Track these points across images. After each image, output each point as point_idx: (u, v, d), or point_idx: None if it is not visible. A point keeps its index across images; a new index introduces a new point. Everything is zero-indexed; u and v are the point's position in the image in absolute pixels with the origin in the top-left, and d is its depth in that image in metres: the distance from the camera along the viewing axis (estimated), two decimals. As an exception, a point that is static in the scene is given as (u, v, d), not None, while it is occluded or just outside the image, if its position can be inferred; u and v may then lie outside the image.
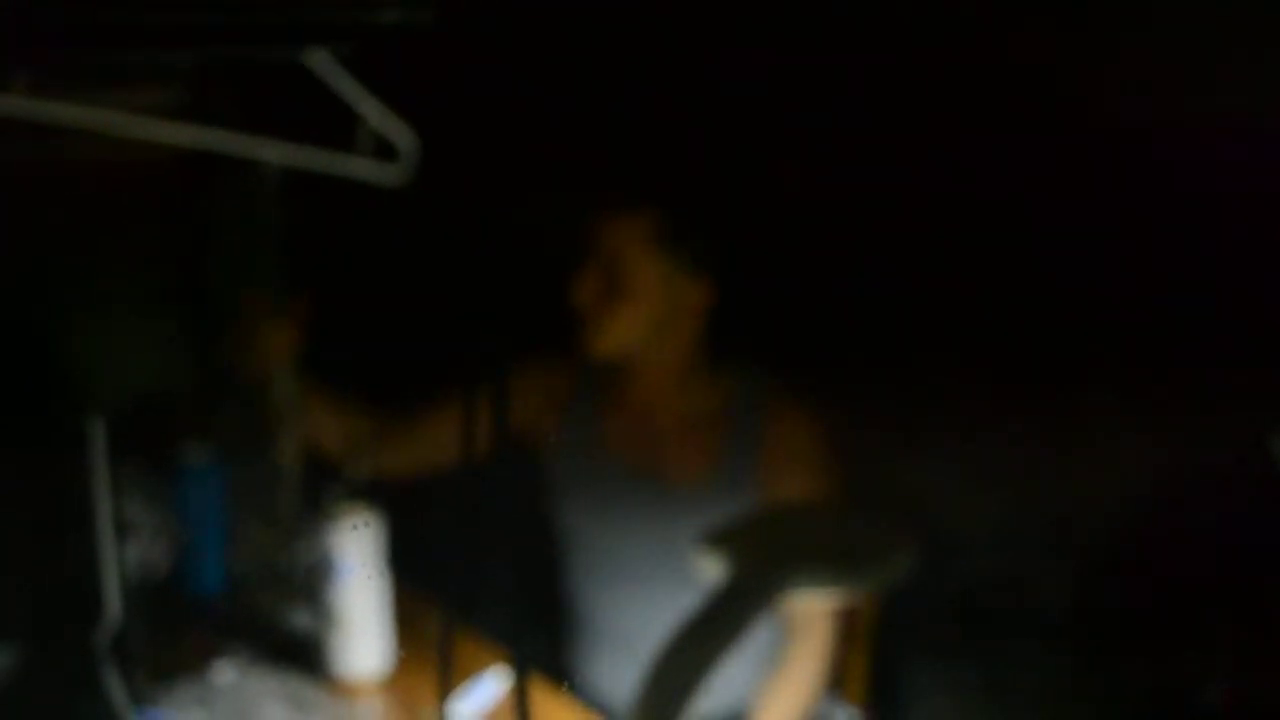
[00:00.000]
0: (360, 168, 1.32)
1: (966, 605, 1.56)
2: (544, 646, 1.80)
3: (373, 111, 1.32)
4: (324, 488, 1.59)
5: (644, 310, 1.65)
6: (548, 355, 1.78)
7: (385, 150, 1.33)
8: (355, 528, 1.56)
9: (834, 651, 1.63)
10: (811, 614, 1.60)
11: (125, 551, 1.56)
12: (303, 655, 1.61)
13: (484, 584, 1.17)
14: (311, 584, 1.61)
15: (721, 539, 1.17)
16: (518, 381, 1.61)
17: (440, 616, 1.55)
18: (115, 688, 1.40)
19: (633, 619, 1.69)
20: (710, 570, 1.16)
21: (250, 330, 1.72)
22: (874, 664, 1.73)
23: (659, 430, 1.72)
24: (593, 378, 1.77)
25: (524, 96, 1.70)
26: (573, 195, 1.69)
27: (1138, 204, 1.49)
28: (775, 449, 1.67)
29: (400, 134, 1.34)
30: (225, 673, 1.59)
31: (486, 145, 1.67)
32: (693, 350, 1.70)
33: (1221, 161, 1.40)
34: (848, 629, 1.66)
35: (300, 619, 1.70)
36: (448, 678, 1.45)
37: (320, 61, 1.29)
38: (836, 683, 1.77)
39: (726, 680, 1.61)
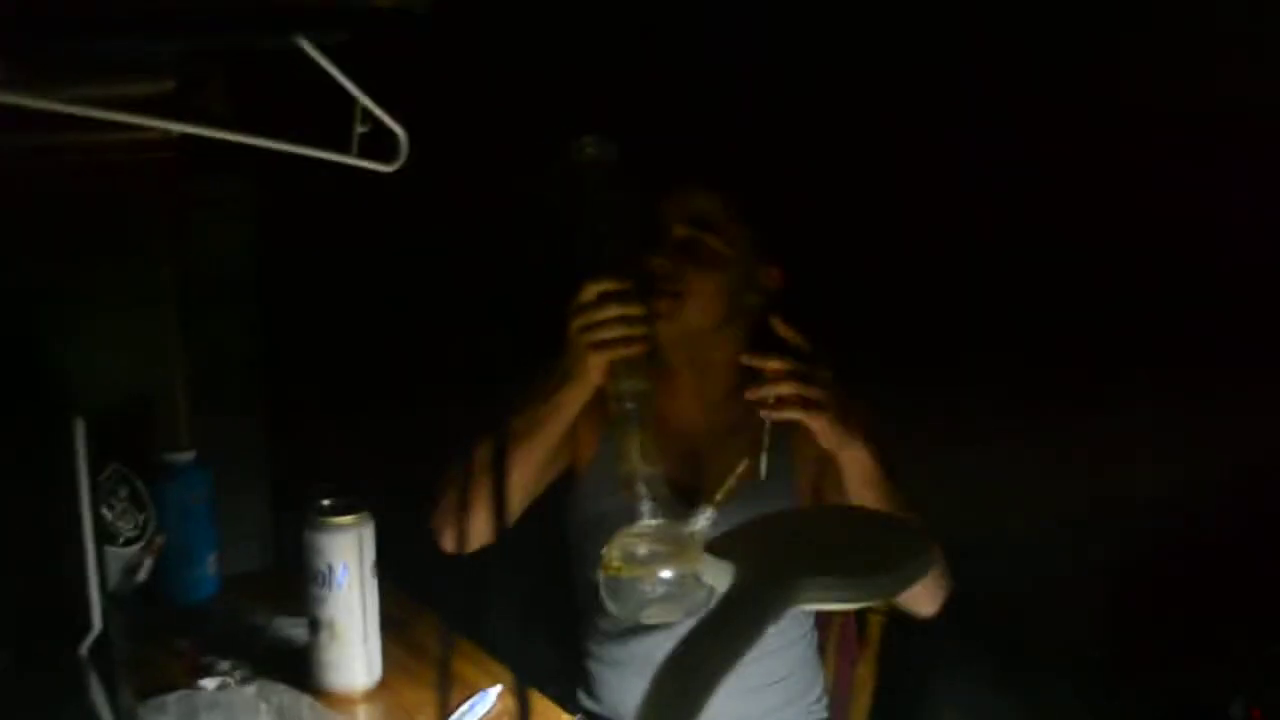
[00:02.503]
0: (352, 165, 1.29)
1: (986, 618, 1.52)
2: (546, 661, 1.76)
3: (365, 101, 1.29)
4: (317, 494, 1.55)
5: (724, 286, 1.62)
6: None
7: (378, 140, 1.29)
8: (349, 536, 1.52)
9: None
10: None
11: (108, 558, 1.52)
12: (292, 666, 1.57)
13: (485, 596, 1.13)
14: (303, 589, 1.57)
15: (732, 545, 1.13)
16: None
17: (437, 628, 1.51)
18: (99, 699, 1.37)
19: (668, 639, 1.64)
20: (721, 577, 1.12)
21: (589, 319, 1.52)
22: (885, 677, 1.70)
23: (695, 446, 1.68)
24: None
25: (519, 82, 1.67)
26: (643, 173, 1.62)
27: (1171, 208, 1.47)
28: (807, 454, 1.64)
29: (393, 123, 1.30)
30: (212, 683, 1.55)
31: (480, 132, 1.63)
32: (744, 348, 1.62)
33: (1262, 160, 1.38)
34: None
35: (290, 629, 1.66)
36: (446, 690, 1.41)
37: (311, 50, 1.25)
38: (841, 695, 1.73)
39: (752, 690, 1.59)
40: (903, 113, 1.66)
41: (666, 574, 1.43)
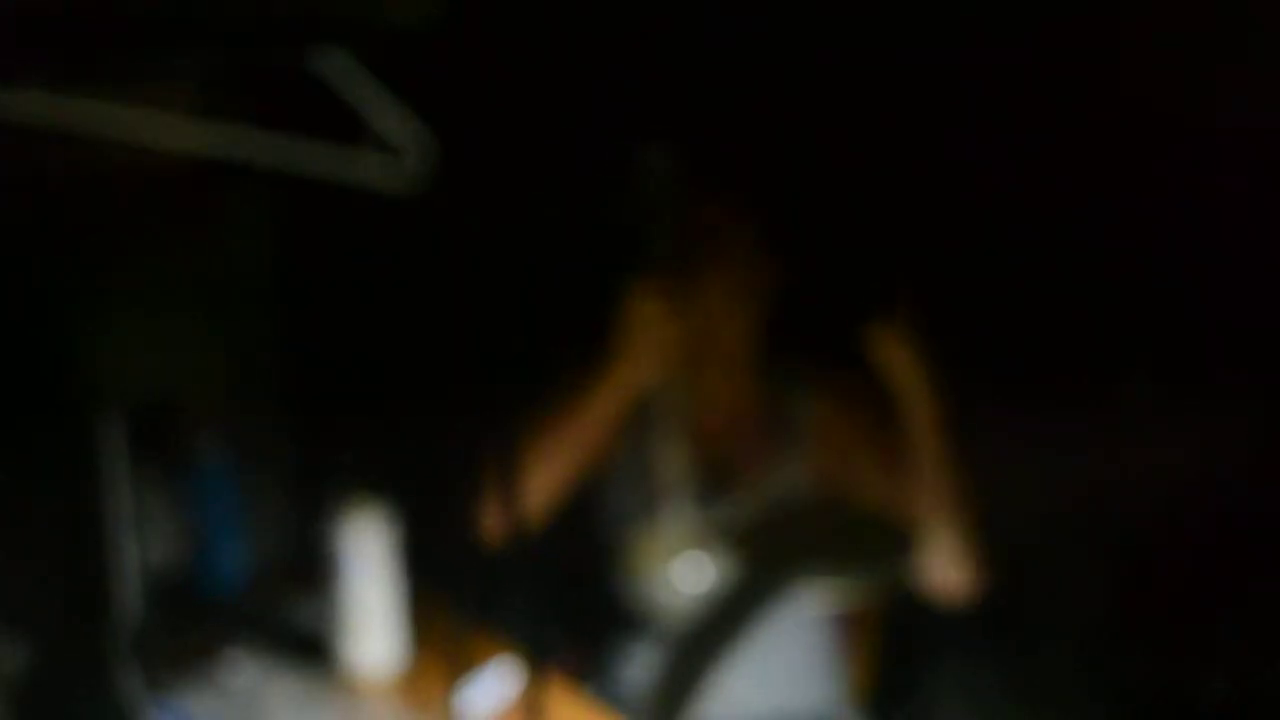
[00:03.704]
0: (373, 170, 1.33)
1: (988, 603, 1.54)
2: (564, 644, 1.80)
3: (386, 113, 1.32)
4: (338, 483, 1.60)
5: (739, 280, 1.62)
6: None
7: (399, 152, 1.33)
8: (371, 527, 1.57)
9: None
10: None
11: (141, 549, 1.57)
12: (316, 651, 1.62)
13: (501, 582, 1.17)
14: (325, 580, 1.62)
15: (733, 536, 1.18)
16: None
17: (454, 613, 1.55)
18: (131, 684, 1.41)
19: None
20: (723, 567, 1.17)
21: (634, 324, 1.55)
22: (884, 664, 1.72)
23: (715, 436, 1.68)
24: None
25: (544, 91, 1.70)
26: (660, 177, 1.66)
27: (1181, 200, 1.49)
28: (824, 446, 1.63)
29: (414, 136, 1.34)
30: (239, 669, 1.60)
31: (506, 145, 1.67)
32: (753, 343, 1.66)
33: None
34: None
35: (314, 615, 1.71)
36: (463, 673, 1.45)
37: (333, 62, 1.29)
38: (841, 684, 1.76)
39: (764, 684, 1.61)
40: (902, 112, 1.69)
41: (698, 569, 1.46)
